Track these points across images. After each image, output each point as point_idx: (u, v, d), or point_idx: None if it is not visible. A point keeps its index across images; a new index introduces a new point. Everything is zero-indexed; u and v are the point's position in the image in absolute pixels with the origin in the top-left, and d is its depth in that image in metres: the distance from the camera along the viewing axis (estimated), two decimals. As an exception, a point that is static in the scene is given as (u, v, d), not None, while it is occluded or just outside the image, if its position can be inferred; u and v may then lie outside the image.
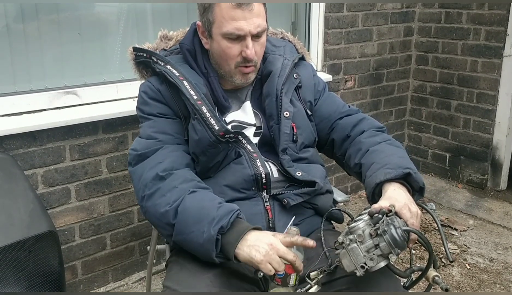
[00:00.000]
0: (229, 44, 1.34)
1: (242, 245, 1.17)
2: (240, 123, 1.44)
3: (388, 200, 1.20)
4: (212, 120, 1.31)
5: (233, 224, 1.20)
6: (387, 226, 1.09)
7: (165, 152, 1.34)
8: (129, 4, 2.27)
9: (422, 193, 1.31)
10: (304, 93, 1.53)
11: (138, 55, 1.49)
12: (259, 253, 1.14)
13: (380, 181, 1.26)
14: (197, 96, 1.33)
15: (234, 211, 1.21)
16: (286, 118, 1.42)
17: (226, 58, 1.37)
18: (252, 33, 1.32)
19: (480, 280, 2.43)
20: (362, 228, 1.11)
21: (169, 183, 1.28)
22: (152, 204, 1.28)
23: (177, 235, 1.24)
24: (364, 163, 1.38)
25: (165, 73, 1.37)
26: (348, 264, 1.11)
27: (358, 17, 3.04)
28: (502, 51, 3.08)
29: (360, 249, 1.10)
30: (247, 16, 1.30)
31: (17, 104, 2.00)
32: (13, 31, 2.01)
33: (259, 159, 1.39)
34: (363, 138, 1.46)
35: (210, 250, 1.17)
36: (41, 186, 2.06)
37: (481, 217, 3.05)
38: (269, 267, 1.14)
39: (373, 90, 3.32)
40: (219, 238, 1.18)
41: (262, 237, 1.18)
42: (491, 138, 3.24)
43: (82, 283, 2.28)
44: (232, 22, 1.30)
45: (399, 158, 1.33)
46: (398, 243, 1.08)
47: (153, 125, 1.39)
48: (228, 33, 1.32)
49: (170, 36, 1.57)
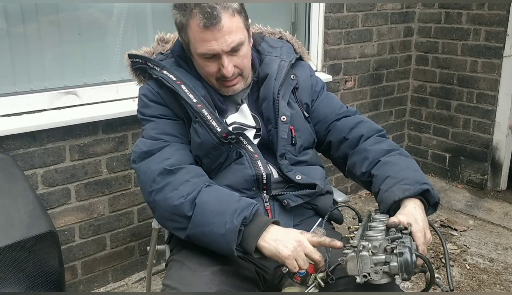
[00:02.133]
0: (206, 63, 1.34)
1: (268, 239, 1.17)
2: (241, 125, 1.44)
3: (406, 216, 1.19)
4: (213, 123, 1.31)
5: (254, 216, 1.20)
6: (404, 248, 1.08)
7: (171, 150, 1.34)
8: (129, 5, 2.27)
9: (436, 207, 1.31)
10: (301, 94, 1.51)
11: (134, 62, 1.48)
12: (287, 248, 1.14)
13: (398, 198, 1.25)
14: (197, 99, 1.33)
15: (254, 204, 1.21)
16: (284, 123, 1.41)
17: (206, 75, 1.38)
18: (225, 51, 1.30)
19: (480, 281, 2.43)
20: (380, 241, 1.10)
21: (180, 177, 1.27)
22: (162, 198, 1.26)
23: (193, 228, 1.22)
24: (376, 175, 1.35)
25: (162, 79, 1.36)
26: (352, 268, 1.11)
27: (358, 17, 3.04)
28: (502, 52, 3.08)
29: (370, 260, 1.09)
30: (217, 36, 1.27)
31: (17, 104, 2.01)
32: (13, 32, 2.01)
33: (260, 159, 1.39)
34: (368, 145, 1.43)
35: (232, 241, 1.16)
36: (41, 186, 2.06)
37: (481, 217, 3.05)
38: (294, 263, 1.14)
39: (373, 91, 3.32)
40: (242, 229, 1.17)
41: (290, 233, 1.18)
42: (491, 139, 3.24)
43: (82, 283, 2.28)
44: (203, 43, 1.29)
45: (414, 172, 1.32)
46: (408, 269, 1.08)
47: (156, 127, 1.39)
48: (202, 53, 1.32)
49: (167, 39, 1.56)
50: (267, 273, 1.37)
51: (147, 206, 2.36)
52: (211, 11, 1.25)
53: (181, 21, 1.31)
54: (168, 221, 1.29)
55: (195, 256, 1.29)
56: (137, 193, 2.35)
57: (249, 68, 1.42)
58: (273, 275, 1.37)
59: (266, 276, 1.37)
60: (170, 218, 1.27)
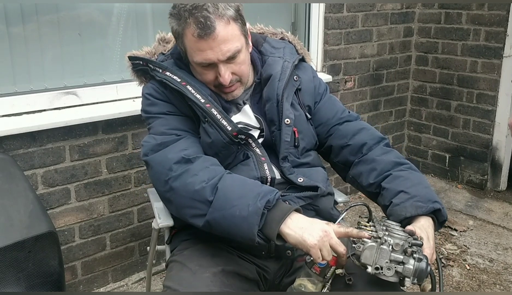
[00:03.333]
0: (204, 71, 1.33)
1: (294, 226, 1.15)
2: (246, 126, 1.43)
3: (421, 230, 1.20)
4: (224, 121, 1.30)
5: (277, 202, 1.19)
6: (423, 256, 1.11)
7: (188, 142, 1.33)
8: (129, 5, 2.27)
9: (442, 225, 1.32)
10: (304, 96, 1.50)
11: (135, 63, 1.47)
12: (313, 237, 1.13)
13: (411, 215, 1.25)
14: (204, 99, 1.31)
15: (277, 191, 1.20)
16: (287, 125, 1.40)
17: (204, 82, 1.36)
18: (221, 60, 1.29)
19: (480, 281, 2.43)
20: (403, 240, 1.12)
21: (199, 164, 1.26)
22: (181, 184, 1.24)
23: (213, 212, 1.19)
24: (388, 188, 1.35)
25: (166, 81, 1.35)
26: (368, 257, 1.11)
27: (358, 17, 3.04)
28: (501, 52, 3.08)
29: (388, 255, 1.10)
30: (212, 46, 1.26)
31: (17, 104, 2.00)
32: (13, 32, 2.01)
33: (266, 163, 1.38)
34: (376, 155, 1.43)
35: (254, 223, 1.14)
36: (41, 186, 2.06)
37: (481, 217, 3.05)
38: (319, 253, 1.13)
39: (373, 91, 3.32)
40: (265, 212, 1.15)
41: (316, 222, 1.17)
42: (491, 139, 3.24)
43: (82, 284, 2.28)
44: (199, 52, 1.28)
45: (426, 189, 1.33)
46: (421, 275, 1.10)
47: (165, 123, 1.37)
48: (198, 63, 1.31)
49: (168, 39, 1.54)
50: (268, 273, 1.37)
51: (147, 206, 2.38)
52: (204, 21, 1.23)
53: (177, 30, 1.31)
54: (186, 208, 1.25)
55: (195, 257, 1.29)
56: (137, 193, 2.35)
57: (247, 74, 1.40)
58: (274, 275, 1.37)
59: (267, 276, 1.36)
60: (189, 204, 1.23)
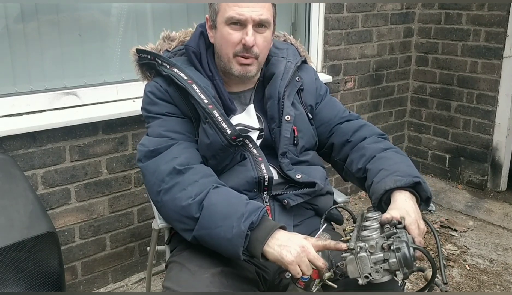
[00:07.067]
0: (230, 31, 1.35)
1: (273, 244, 1.16)
2: (245, 127, 1.44)
3: (398, 210, 1.19)
4: (224, 124, 1.31)
5: (261, 220, 1.20)
6: (400, 243, 1.08)
7: (180, 148, 1.33)
8: (129, 5, 2.27)
9: (428, 203, 1.31)
10: (306, 96, 1.52)
11: (142, 57, 1.48)
12: (291, 254, 1.14)
13: (390, 188, 1.25)
14: (208, 100, 1.32)
15: (262, 208, 1.21)
16: (287, 122, 1.42)
17: (226, 45, 1.36)
18: (253, 20, 1.33)
19: (480, 281, 2.43)
20: (376, 239, 1.10)
21: (189, 177, 1.27)
22: (170, 198, 1.26)
23: (200, 230, 1.22)
24: (370, 169, 1.37)
25: (173, 77, 1.36)
26: (353, 270, 1.11)
27: (358, 18, 3.04)
28: (502, 52, 3.08)
29: (369, 260, 1.09)
30: (250, 5, 1.32)
31: (17, 105, 2.01)
32: (13, 32, 2.01)
33: (263, 162, 1.39)
34: (367, 143, 1.45)
35: (239, 245, 1.16)
36: (41, 186, 2.06)
37: (481, 218, 3.05)
38: (298, 269, 1.14)
39: (373, 91, 3.32)
40: (248, 234, 1.17)
41: (294, 238, 1.18)
42: (491, 139, 3.24)
43: (82, 284, 2.28)
44: (235, 8, 1.32)
45: (408, 167, 1.33)
46: (408, 262, 1.08)
47: (163, 124, 1.38)
48: (229, 17, 1.33)
49: (172, 37, 1.56)
50: (267, 273, 1.37)
51: (147, 206, 2.38)
52: None
53: None
54: (176, 221, 1.28)
55: (195, 258, 1.29)
56: (137, 193, 2.35)
57: (265, 55, 1.43)
58: (274, 275, 1.37)
59: (266, 277, 1.37)
60: (178, 219, 1.27)
